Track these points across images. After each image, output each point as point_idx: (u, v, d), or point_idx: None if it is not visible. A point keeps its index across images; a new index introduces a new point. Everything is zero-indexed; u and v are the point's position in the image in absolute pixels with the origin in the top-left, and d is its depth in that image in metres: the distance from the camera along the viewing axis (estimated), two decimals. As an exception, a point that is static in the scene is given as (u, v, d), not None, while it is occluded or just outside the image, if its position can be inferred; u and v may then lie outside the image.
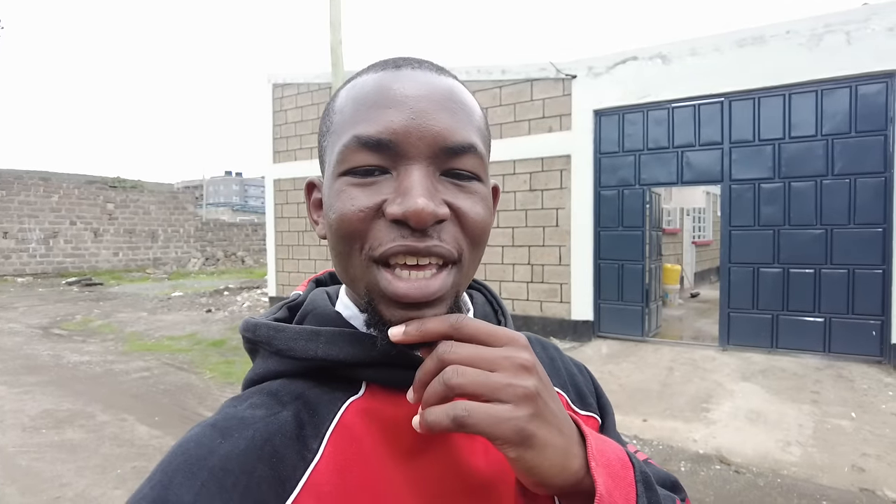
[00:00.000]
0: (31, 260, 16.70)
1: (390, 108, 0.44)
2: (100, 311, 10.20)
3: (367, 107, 0.45)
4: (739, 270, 6.12)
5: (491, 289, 0.63)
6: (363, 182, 0.44)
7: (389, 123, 0.44)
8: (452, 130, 0.45)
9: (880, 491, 3.03)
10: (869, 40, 5.28)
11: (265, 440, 0.43)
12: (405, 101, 0.44)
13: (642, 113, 6.55)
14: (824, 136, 5.61)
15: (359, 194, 0.44)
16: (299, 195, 9.52)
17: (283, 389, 0.48)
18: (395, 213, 0.43)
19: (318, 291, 0.57)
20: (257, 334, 0.51)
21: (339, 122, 0.47)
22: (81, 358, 6.44)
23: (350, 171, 0.45)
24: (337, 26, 8.53)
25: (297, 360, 0.48)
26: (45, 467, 3.45)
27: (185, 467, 0.40)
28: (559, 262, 7.02)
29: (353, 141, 0.44)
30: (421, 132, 0.44)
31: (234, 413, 0.45)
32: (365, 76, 0.48)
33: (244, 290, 12.91)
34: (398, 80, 0.46)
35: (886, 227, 5.36)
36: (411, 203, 0.42)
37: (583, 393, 0.65)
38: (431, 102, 0.45)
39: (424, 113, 0.44)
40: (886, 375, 5.03)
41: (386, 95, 0.45)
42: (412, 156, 0.44)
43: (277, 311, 0.56)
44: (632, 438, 3.86)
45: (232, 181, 74.56)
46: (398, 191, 0.43)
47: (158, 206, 20.05)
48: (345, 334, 0.48)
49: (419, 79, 0.46)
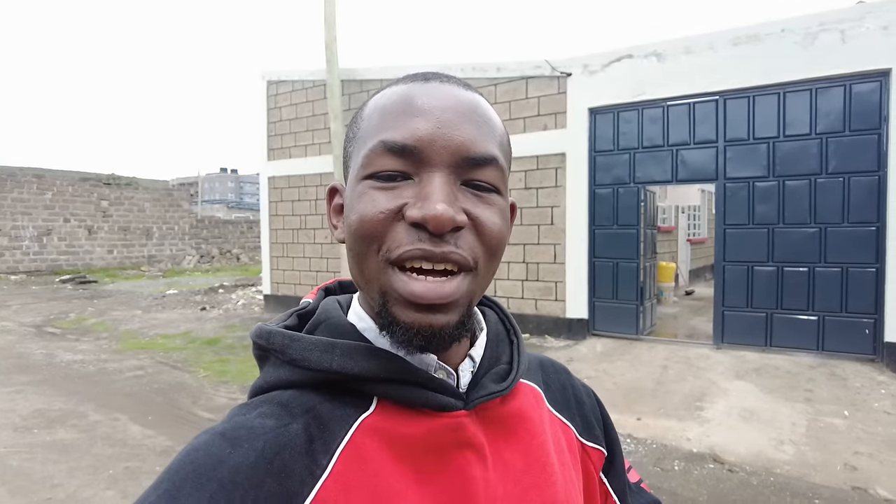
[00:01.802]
0: (25, 257, 16.60)
1: (417, 116, 0.45)
2: (94, 309, 10.16)
3: (395, 115, 0.46)
4: (734, 268, 6.13)
5: (503, 307, 0.63)
6: (385, 186, 0.45)
7: (415, 131, 0.45)
8: (475, 142, 0.46)
9: (872, 489, 3.04)
10: (863, 39, 5.29)
11: (275, 453, 0.42)
12: (431, 111, 0.46)
13: (637, 111, 6.54)
14: (818, 134, 5.62)
15: (380, 197, 0.45)
16: (294, 193, 9.49)
17: (294, 401, 0.47)
18: (414, 217, 0.43)
19: (330, 301, 0.56)
20: (271, 342, 0.50)
21: (366, 128, 0.48)
22: (75, 357, 6.41)
23: (374, 174, 0.46)
24: (331, 23, 8.50)
25: (311, 372, 0.47)
26: (37, 468, 3.43)
27: (194, 477, 0.40)
28: (554, 260, 7.02)
29: (379, 145, 0.46)
30: (445, 141, 0.45)
31: (244, 422, 0.44)
32: (394, 87, 0.49)
33: (239, 287, 12.87)
34: (425, 92, 0.47)
35: (880, 225, 5.37)
36: (431, 208, 0.43)
37: (589, 423, 0.64)
38: (457, 114, 0.46)
39: (449, 123, 0.45)
40: (879, 374, 5.05)
41: (413, 105, 0.46)
42: (435, 163, 0.45)
43: (287, 318, 0.55)
44: (626, 437, 3.86)
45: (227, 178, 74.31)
46: (419, 195, 0.44)
47: (153, 204, 19.96)
48: (360, 348, 0.48)
49: (446, 91, 0.47)
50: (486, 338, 0.56)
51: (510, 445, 0.52)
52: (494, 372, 0.54)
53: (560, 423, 0.60)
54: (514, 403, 0.54)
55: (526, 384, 0.59)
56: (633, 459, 3.52)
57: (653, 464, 3.46)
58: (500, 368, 0.55)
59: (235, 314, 9.44)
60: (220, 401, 4.82)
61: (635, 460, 3.52)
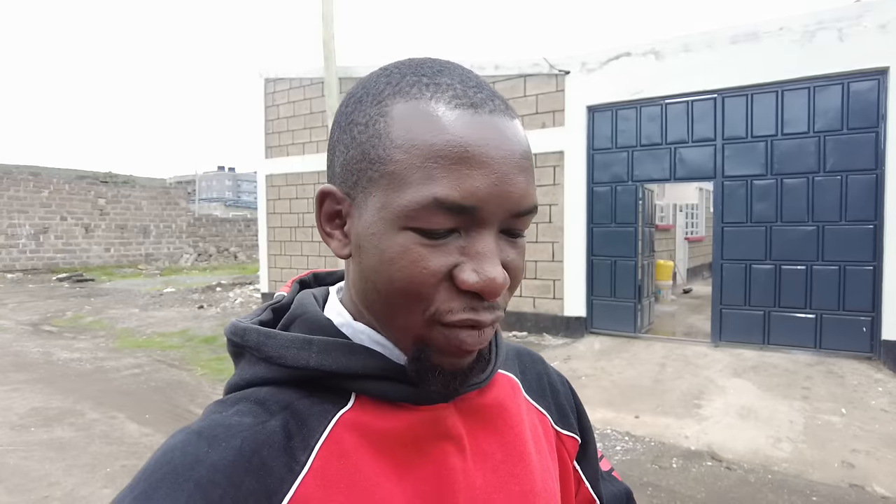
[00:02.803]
0: (22, 256, 16.55)
1: (475, 169, 0.41)
2: (91, 307, 10.13)
3: (449, 162, 0.41)
4: (731, 267, 6.14)
5: None
6: (434, 244, 0.42)
7: (475, 190, 0.41)
8: (527, 195, 0.44)
9: (870, 487, 3.05)
10: (861, 37, 5.30)
11: (253, 451, 0.42)
12: (490, 164, 0.41)
13: (635, 109, 6.54)
14: (816, 132, 5.63)
15: (428, 255, 0.42)
16: (291, 191, 9.47)
17: (272, 398, 0.46)
18: (469, 285, 0.41)
19: (306, 294, 0.55)
20: (246, 339, 0.49)
21: (402, 161, 0.42)
22: (72, 355, 6.39)
23: (420, 230, 0.41)
24: (329, 20, 8.47)
25: (287, 369, 0.47)
26: (34, 466, 3.42)
27: (171, 477, 0.39)
28: (552, 258, 7.02)
29: (432, 203, 0.40)
30: (502, 199, 0.42)
31: (221, 420, 0.43)
32: (432, 106, 0.42)
33: (237, 286, 12.85)
34: (483, 136, 0.42)
35: (877, 223, 5.38)
36: (486, 275, 0.41)
37: (564, 410, 0.65)
38: (512, 165, 0.42)
39: (506, 177, 0.42)
40: (876, 371, 5.06)
41: (471, 154, 0.41)
42: (489, 221, 0.42)
43: (261, 313, 0.54)
44: (624, 435, 3.86)
45: (224, 176, 74.19)
46: (470, 255, 0.42)
47: (150, 202, 19.90)
48: (338, 344, 0.47)
49: (500, 132, 0.43)
50: None
51: (488, 435, 0.52)
52: None
53: (536, 412, 0.61)
54: (491, 394, 0.54)
55: (503, 374, 0.59)
56: (631, 457, 3.53)
57: (651, 461, 3.46)
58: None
59: (233, 313, 9.42)
60: (217, 399, 4.81)
61: (633, 458, 3.52)
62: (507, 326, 7.26)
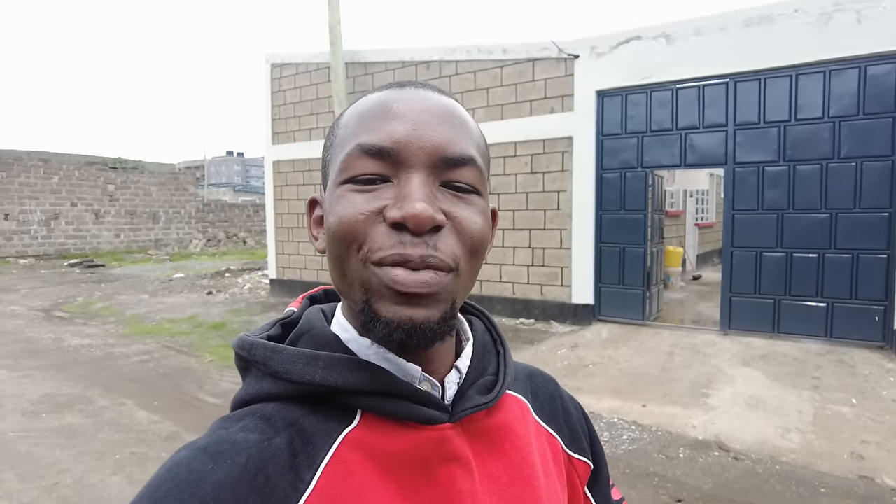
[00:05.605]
0: (33, 242, 16.71)
1: (393, 119, 0.46)
2: (101, 293, 10.22)
3: (371, 119, 0.47)
4: (742, 254, 6.07)
5: (490, 317, 0.62)
6: (364, 188, 0.45)
7: (392, 133, 0.45)
8: (452, 142, 0.46)
9: (879, 479, 3.02)
10: (880, 19, 5.15)
11: (258, 468, 0.42)
12: (407, 114, 0.46)
13: (645, 94, 6.43)
14: (831, 118, 5.51)
15: (359, 198, 0.45)
16: (298, 177, 9.45)
17: (277, 414, 0.46)
18: (394, 217, 0.43)
19: (314, 310, 0.56)
20: (253, 354, 0.49)
21: (343, 135, 0.49)
22: (82, 341, 6.46)
23: (352, 178, 0.46)
24: (335, 5, 8.39)
25: (293, 384, 0.47)
26: (45, 453, 3.46)
27: (176, 494, 0.39)
28: (560, 245, 6.97)
29: (356, 149, 0.46)
30: (422, 142, 0.45)
31: (226, 436, 0.44)
32: (370, 95, 0.50)
33: (245, 271, 12.91)
34: (401, 97, 0.48)
35: (892, 211, 5.29)
36: (410, 207, 0.43)
37: (576, 434, 0.64)
38: (432, 116, 0.47)
39: (425, 124, 0.46)
40: (888, 361, 5.00)
41: (389, 109, 0.47)
42: (412, 164, 0.45)
43: (270, 328, 0.54)
44: (631, 424, 3.85)
45: (233, 161, 74.26)
46: (398, 196, 0.44)
47: (159, 187, 19.99)
48: (344, 360, 0.47)
49: (421, 96, 0.48)
50: (473, 348, 0.55)
51: (495, 458, 0.52)
52: (480, 383, 0.53)
53: (547, 435, 0.60)
54: (499, 416, 0.54)
55: (512, 395, 0.58)
56: (638, 447, 3.52)
57: (658, 451, 3.45)
58: (486, 380, 0.54)
59: (242, 298, 9.47)
60: (225, 386, 4.85)
61: (640, 447, 3.51)
62: (515, 314, 7.25)
